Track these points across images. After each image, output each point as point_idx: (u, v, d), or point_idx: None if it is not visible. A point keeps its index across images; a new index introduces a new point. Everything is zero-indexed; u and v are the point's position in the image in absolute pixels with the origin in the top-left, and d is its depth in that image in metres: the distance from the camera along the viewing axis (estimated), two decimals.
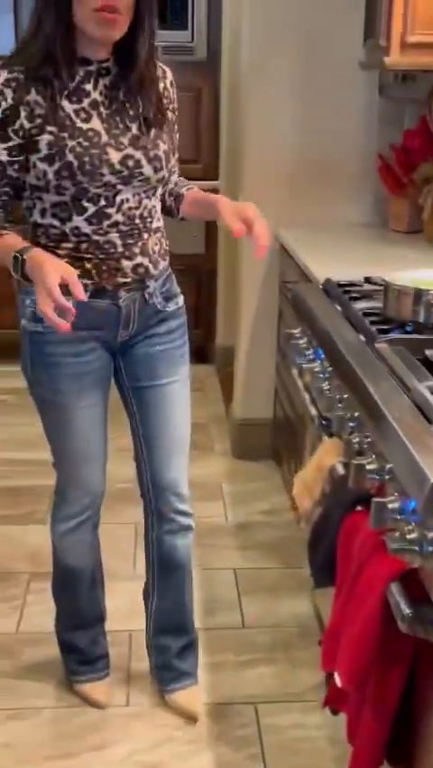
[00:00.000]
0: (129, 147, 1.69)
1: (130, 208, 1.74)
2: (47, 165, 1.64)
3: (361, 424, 1.53)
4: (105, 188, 1.69)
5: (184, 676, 2.11)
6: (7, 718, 2.02)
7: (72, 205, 1.69)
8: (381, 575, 1.29)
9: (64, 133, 1.64)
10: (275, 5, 2.93)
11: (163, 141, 1.76)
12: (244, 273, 3.24)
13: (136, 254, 1.78)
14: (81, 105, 1.67)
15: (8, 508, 2.96)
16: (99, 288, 1.75)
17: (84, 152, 1.64)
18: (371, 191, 3.11)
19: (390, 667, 1.33)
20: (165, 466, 1.97)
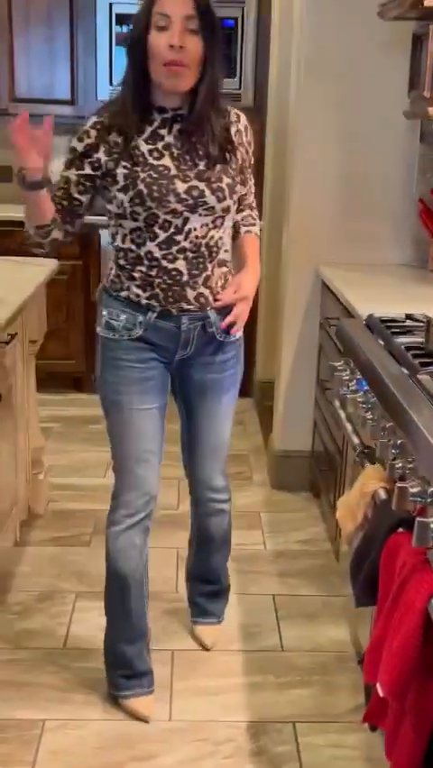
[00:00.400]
0: (194, 179, 1.89)
1: (197, 236, 1.93)
2: (123, 194, 1.89)
3: (404, 450, 1.60)
4: (174, 215, 1.89)
5: (208, 614, 2.44)
6: (56, 728, 2.06)
7: (146, 230, 1.92)
8: (422, 591, 1.35)
9: (137, 168, 1.88)
10: (323, 55, 3.02)
11: (228, 175, 1.94)
12: (287, 309, 3.29)
13: (199, 285, 1.97)
14: (155, 146, 1.89)
15: (56, 531, 3.02)
16: (165, 312, 1.96)
17: (153, 182, 1.87)
18: (411, 234, 3.16)
19: (429, 680, 1.38)
20: (201, 467, 2.25)
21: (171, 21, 1.79)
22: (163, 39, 1.79)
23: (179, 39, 1.79)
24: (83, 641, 2.39)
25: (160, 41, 1.80)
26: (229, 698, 2.21)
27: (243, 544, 2.57)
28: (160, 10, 1.79)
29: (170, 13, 1.79)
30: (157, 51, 1.81)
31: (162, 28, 1.80)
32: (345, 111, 3.06)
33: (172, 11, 1.79)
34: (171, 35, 1.79)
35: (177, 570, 2.77)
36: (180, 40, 1.79)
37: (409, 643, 1.36)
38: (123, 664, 2.17)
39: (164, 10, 1.79)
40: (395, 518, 1.58)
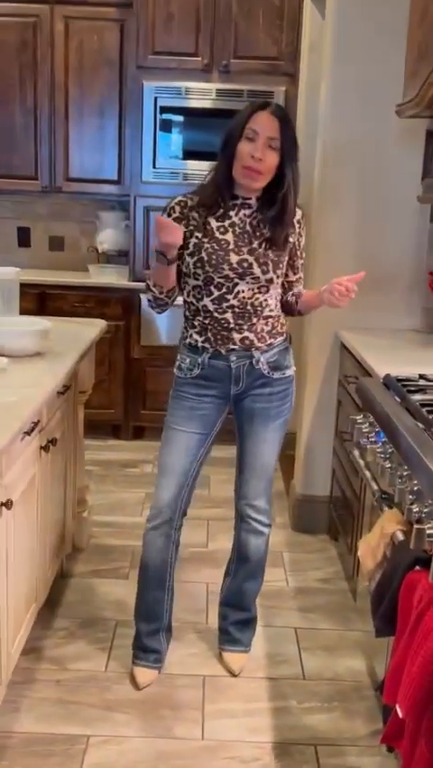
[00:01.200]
0: (246, 254, 2.11)
1: (244, 297, 2.14)
2: (190, 258, 2.15)
3: (420, 495, 1.64)
4: (226, 280, 2.11)
5: (235, 642, 2.47)
6: (99, 743, 2.08)
7: (204, 288, 2.17)
8: None
9: (205, 239, 2.14)
10: (345, 146, 3.11)
11: (275, 254, 2.14)
12: (309, 368, 3.34)
13: (244, 330, 2.17)
14: (223, 223, 2.15)
15: (97, 564, 3.05)
16: (216, 352, 2.20)
17: (213, 252, 2.13)
18: (421, 303, 3.21)
19: None
20: (247, 485, 2.36)
21: (259, 136, 2.05)
22: (248, 148, 2.05)
23: (260, 152, 2.05)
24: (122, 665, 2.42)
25: (245, 149, 2.06)
26: (255, 720, 2.21)
27: (267, 580, 2.58)
28: (252, 126, 2.06)
29: (259, 130, 2.05)
30: (241, 156, 2.06)
31: (251, 139, 2.06)
32: (364, 195, 3.15)
33: (261, 129, 2.05)
34: (255, 148, 2.05)
35: (207, 603, 2.79)
36: (261, 153, 2.05)
37: (427, 668, 1.39)
38: (137, 636, 2.38)
39: (255, 127, 2.06)
40: (412, 557, 1.62)
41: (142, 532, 3.20)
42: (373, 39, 3.01)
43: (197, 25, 4.13)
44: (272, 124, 2.06)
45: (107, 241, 4.62)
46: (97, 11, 4.30)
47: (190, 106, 4.20)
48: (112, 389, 4.43)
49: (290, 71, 4.15)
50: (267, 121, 2.06)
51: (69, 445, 2.77)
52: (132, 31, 4.20)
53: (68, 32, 4.33)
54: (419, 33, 2.31)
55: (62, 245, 4.86)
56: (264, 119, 2.06)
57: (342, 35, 3.05)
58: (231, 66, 4.16)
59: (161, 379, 4.29)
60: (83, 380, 2.93)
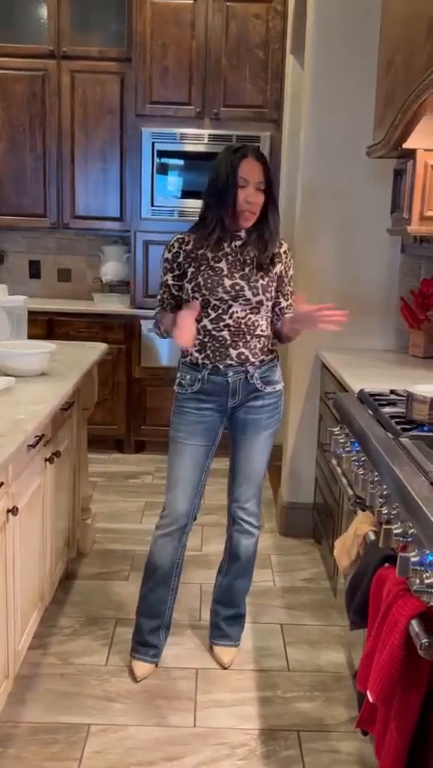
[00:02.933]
0: (238, 278, 2.17)
1: (238, 318, 2.19)
2: (188, 284, 2.22)
3: (389, 499, 1.65)
4: (221, 302, 2.16)
5: (225, 637, 2.47)
6: (99, 731, 2.07)
7: (202, 311, 2.21)
8: (404, 613, 1.38)
9: (201, 267, 2.21)
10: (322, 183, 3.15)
11: (263, 278, 2.20)
12: (292, 385, 3.36)
13: (240, 346, 2.21)
14: (217, 254, 2.21)
15: (100, 567, 3.04)
16: (215, 368, 2.23)
17: (209, 278, 2.19)
18: (394, 325, 3.24)
19: (410, 688, 1.40)
20: (239, 489, 2.37)
21: (249, 183, 2.14)
22: (243, 194, 2.14)
23: (253, 196, 2.14)
24: (122, 659, 2.41)
25: (240, 196, 2.14)
26: (244, 709, 2.20)
27: (256, 580, 2.58)
28: (242, 174, 2.14)
29: (248, 178, 2.14)
30: (238, 203, 2.15)
31: (242, 187, 2.14)
32: (341, 229, 3.18)
33: (249, 176, 2.14)
34: (248, 194, 2.14)
35: (200, 602, 2.78)
36: (254, 197, 2.15)
37: (394, 656, 1.39)
38: (138, 632, 2.37)
39: (244, 175, 2.14)
40: (382, 555, 1.63)
41: (141, 538, 3.24)
42: (348, 88, 3.05)
43: (189, 77, 4.20)
44: (258, 170, 2.15)
45: (110, 272, 4.66)
46: (100, 65, 4.36)
47: (185, 150, 4.25)
48: (115, 407, 4.44)
49: (274, 118, 4.21)
50: (254, 167, 2.14)
51: (73, 457, 2.78)
52: (131, 83, 4.26)
53: (73, 85, 4.39)
54: (386, 82, 2.35)
55: (69, 276, 4.89)
56: (251, 167, 2.14)
57: (319, 85, 3.10)
58: (221, 113, 4.22)
59: (161, 397, 4.31)
60: (86, 398, 2.94)
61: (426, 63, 1.89)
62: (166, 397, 2.39)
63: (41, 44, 4.36)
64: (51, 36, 4.35)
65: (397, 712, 1.44)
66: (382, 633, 1.46)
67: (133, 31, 4.17)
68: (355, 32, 3.00)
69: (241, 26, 4.14)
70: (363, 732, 1.70)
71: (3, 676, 1.91)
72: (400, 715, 1.42)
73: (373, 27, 2.70)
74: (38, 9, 4.40)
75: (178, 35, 4.15)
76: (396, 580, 1.47)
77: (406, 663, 1.38)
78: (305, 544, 3.36)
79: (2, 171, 4.48)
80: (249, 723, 2.14)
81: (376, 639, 1.49)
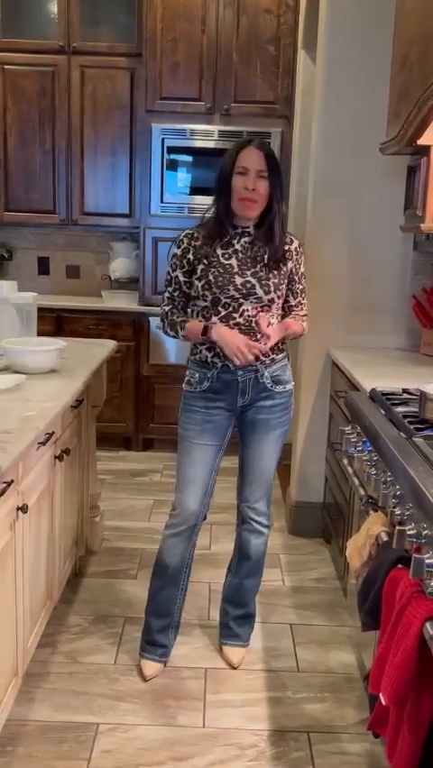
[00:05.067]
0: (249, 276, 2.15)
1: (249, 316, 2.16)
2: (198, 282, 2.19)
3: (402, 499, 1.64)
4: (232, 300, 2.14)
5: (235, 637, 2.46)
6: (108, 731, 2.07)
7: (212, 308, 2.19)
8: (418, 616, 1.37)
9: (211, 265, 2.18)
10: (334, 181, 3.13)
11: (274, 276, 2.18)
12: (303, 384, 3.35)
13: None
14: (227, 251, 2.18)
15: (109, 565, 3.04)
16: (225, 366, 2.17)
17: (219, 275, 2.17)
18: (406, 323, 3.23)
19: (424, 690, 1.39)
20: (248, 489, 2.36)
21: (249, 170, 2.11)
22: (241, 181, 2.11)
23: (252, 183, 2.11)
24: (130, 658, 2.40)
25: (239, 183, 2.12)
26: (253, 709, 2.20)
27: (265, 580, 2.58)
28: (241, 163, 2.12)
29: (249, 165, 2.12)
30: (236, 190, 2.12)
31: (242, 174, 2.12)
32: (353, 226, 3.17)
33: (250, 164, 2.12)
34: (247, 180, 2.11)
35: (209, 602, 2.78)
36: (253, 184, 2.11)
37: (408, 658, 1.38)
38: (147, 631, 2.37)
39: (244, 163, 2.12)
40: (395, 556, 1.61)
41: (150, 536, 3.24)
42: (360, 84, 3.04)
43: (200, 73, 4.19)
44: (259, 158, 2.12)
45: (119, 269, 4.65)
46: (110, 60, 4.35)
47: (195, 146, 4.24)
48: (123, 404, 4.44)
49: (285, 114, 4.19)
50: (254, 155, 2.12)
51: (82, 455, 2.78)
52: (141, 78, 4.25)
53: (83, 80, 4.38)
54: (400, 78, 2.33)
55: (78, 273, 4.89)
56: (252, 154, 2.12)
57: (331, 81, 3.09)
58: (231, 109, 4.21)
59: (169, 394, 4.30)
60: (95, 395, 2.94)
61: None
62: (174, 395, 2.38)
63: (50, 40, 4.35)
64: (61, 31, 4.34)
65: (410, 715, 1.43)
66: (396, 635, 1.45)
67: (143, 26, 4.16)
68: (369, 26, 2.99)
69: (252, 21, 4.12)
70: (375, 735, 1.69)
71: (12, 674, 1.91)
72: (413, 717, 1.41)
73: (386, 22, 2.69)
74: (48, 4, 4.40)
75: (188, 30, 4.14)
76: (409, 581, 1.46)
77: (420, 666, 1.37)
78: (314, 543, 3.36)
79: (11, 167, 4.48)
80: (258, 724, 2.13)
81: (389, 641, 1.48)
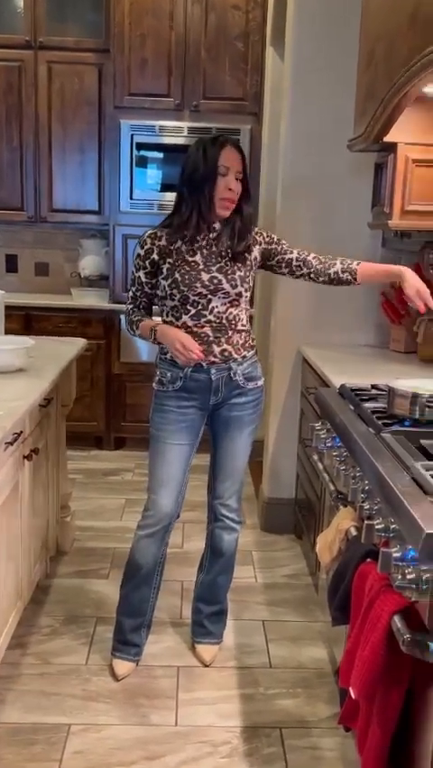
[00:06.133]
0: (215, 272, 2.14)
1: (219, 313, 2.16)
2: (165, 281, 2.17)
3: (370, 494, 1.65)
4: (200, 297, 2.13)
5: (208, 634, 2.46)
6: (79, 731, 2.06)
7: (181, 307, 2.18)
8: (386, 609, 1.38)
9: (177, 263, 2.16)
10: (303, 178, 3.15)
11: (240, 268, 2.17)
12: (274, 381, 3.36)
13: (222, 342, 2.18)
14: (192, 247, 2.18)
15: (79, 565, 3.02)
16: (197, 365, 2.20)
17: (186, 273, 2.15)
18: (375, 320, 3.26)
19: (392, 684, 1.40)
20: (220, 486, 2.36)
21: (229, 171, 2.12)
22: (224, 182, 2.12)
23: (233, 183, 2.13)
24: (102, 658, 2.40)
25: (221, 183, 2.12)
26: (226, 706, 2.20)
27: (238, 577, 2.59)
28: (223, 162, 2.12)
29: (229, 165, 2.13)
30: (219, 191, 2.13)
31: (223, 174, 2.12)
32: (321, 223, 3.18)
33: (230, 164, 2.13)
34: (229, 181, 2.12)
35: (181, 599, 2.78)
36: (234, 184, 2.13)
37: (376, 652, 1.39)
38: (119, 631, 2.35)
39: (226, 163, 2.12)
40: (364, 550, 1.62)
41: (121, 535, 3.23)
42: (328, 81, 3.05)
43: (168, 69, 4.18)
44: (237, 158, 2.14)
45: (89, 266, 4.63)
46: (77, 56, 4.32)
47: (164, 143, 4.23)
48: (94, 403, 4.42)
49: (254, 110, 4.20)
50: (234, 156, 2.13)
51: (51, 455, 2.76)
52: (109, 74, 4.23)
53: (50, 76, 4.35)
54: (367, 75, 2.35)
55: (47, 271, 4.86)
56: (231, 155, 2.13)
57: (299, 78, 3.10)
58: (200, 106, 4.20)
59: (141, 393, 4.29)
60: (64, 394, 2.92)
61: (407, 55, 1.89)
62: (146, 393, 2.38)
63: (17, 34, 4.31)
64: (28, 26, 4.30)
65: (379, 708, 1.44)
66: (365, 629, 1.46)
67: (111, 21, 4.14)
68: (336, 23, 3.00)
69: (220, 17, 4.12)
70: (346, 728, 1.71)
71: None
72: (382, 711, 1.43)
73: (353, 19, 2.70)
74: None
75: (156, 26, 4.13)
76: (378, 575, 1.47)
77: (388, 659, 1.38)
78: (286, 539, 3.37)
79: None
80: (231, 721, 2.14)
81: (358, 635, 1.49)
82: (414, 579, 1.31)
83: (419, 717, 1.40)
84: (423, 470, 1.49)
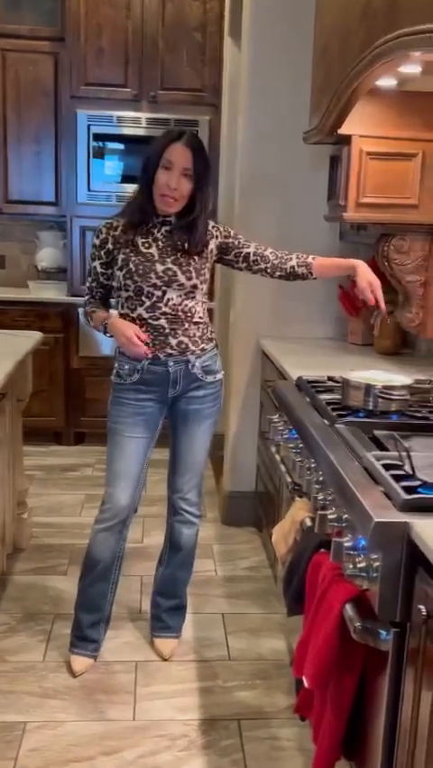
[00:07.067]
0: (170, 263, 2.14)
1: (174, 304, 2.16)
2: (119, 271, 2.17)
3: (324, 485, 1.68)
4: (155, 288, 2.13)
5: (166, 629, 2.45)
6: (35, 729, 2.05)
7: (135, 298, 2.18)
8: (338, 598, 1.41)
9: (132, 254, 2.16)
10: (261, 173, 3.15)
11: (195, 261, 2.17)
12: (234, 374, 3.36)
13: (179, 335, 2.18)
14: (147, 239, 2.17)
15: (37, 562, 3.01)
16: (155, 357, 2.19)
17: (140, 263, 2.15)
18: (333, 313, 3.28)
19: (345, 672, 1.43)
20: (180, 479, 2.36)
21: (174, 166, 2.09)
22: (164, 177, 2.09)
23: (175, 182, 2.10)
24: (60, 654, 2.38)
25: (162, 178, 2.10)
26: (184, 700, 2.21)
27: (198, 570, 2.59)
28: (168, 156, 2.09)
29: (174, 161, 2.09)
30: (158, 185, 2.11)
31: (167, 169, 2.09)
32: (280, 215, 3.19)
33: (176, 160, 2.09)
34: (170, 177, 2.09)
35: (140, 594, 2.78)
36: (176, 182, 2.10)
37: (329, 641, 1.42)
38: (77, 627, 2.33)
39: (171, 158, 2.09)
40: (318, 540, 1.65)
41: (80, 531, 3.21)
42: (285, 73, 3.06)
43: (126, 59, 4.15)
44: (186, 155, 2.10)
45: (46, 259, 4.58)
46: (32, 44, 4.26)
47: (122, 134, 4.20)
48: (53, 398, 4.38)
49: (213, 102, 4.19)
50: (182, 152, 2.10)
51: (7, 450, 2.73)
52: (65, 63, 4.18)
53: (4, 64, 4.27)
54: (322, 67, 2.36)
55: (3, 263, 4.79)
56: (179, 151, 2.10)
57: (256, 70, 3.10)
58: (159, 96, 4.18)
59: (100, 387, 4.24)
60: (20, 389, 2.89)
61: (359, 48, 1.91)
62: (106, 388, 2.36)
63: None
64: None
65: (333, 696, 1.46)
66: (318, 618, 1.48)
67: (67, 9, 4.09)
68: (293, 15, 3.01)
69: (177, 8, 4.11)
70: (302, 718, 1.73)
71: None
72: (335, 699, 1.45)
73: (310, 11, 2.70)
74: None
75: (113, 15, 4.10)
76: (331, 565, 1.49)
77: (341, 648, 1.41)
78: (247, 532, 3.39)
79: None
80: (189, 714, 2.15)
81: (312, 625, 1.51)
82: (365, 567, 1.34)
83: (371, 704, 1.43)
84: (374, 460, 1.51)
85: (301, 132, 2.73)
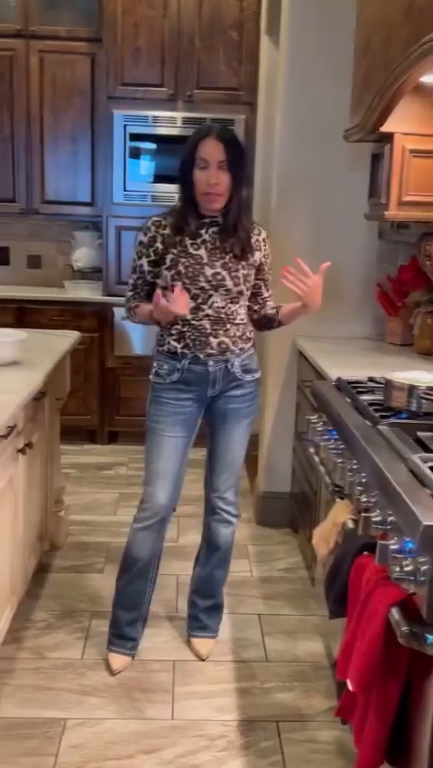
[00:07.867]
0: (219, 267, 2.14)
1: (218, 308, 2.17)
2: (168, 271, 2.18)
3: (367, 486, 1.66)
4: (202, 291, 2.14)
5: (203, 628, 2.47)
6: (75, 725, 2.06)
7: None
8: (384, 601, 1.39)
9: (181, 255, 2.16)
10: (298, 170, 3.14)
11: (243, 267, 2.18)
12: (270, 374, 3.36)
13: (220, 335, 2.19)
14: (195, 241, 2.18)
15: (74, 560, 3.03)
16: (195, 357, 2.20)
17: (189, 266, 2.16)
18: (371, 312, 3.26)
19: (390, 676, 1.41)
20: (218, 479, 2.37)
21: (209, 163, 2.09)
22: (203, 176, 2.10)
23: (215, 177, 2.10)
24: (98, 652, 2.40)
25: (201, 178, 2.11)
26: (222, 700, 2.21)
27: (233, 571, 2.60)
28: (201, 155, 2.11)
29: (208, 158, 2.10)
30: (199, 185, 2.12)
31: (203, 168, 2.11)
32: (317, 213, 3.18)
33: (210, 156, 2.10)
34: (209, 175, 2.10)
35: (177, 593, 2.78)
36: (215, 178, 2.10)
37: (374, 645, 1.40)
38: (115, 625, 2.35)
39: (204, 156, 2.10)
40: (361, 543, 1.63)
41: (116, 529, 3.23)
42: (324, 70, 3.05)
43: (162, 58, 4.16)
44: (218, 148, 2.10)
45: (82, 258, 4.62)
46: (69, 45, 4.30)
47: (158, 133, 4.21)
48: (88, 397, 4.41)
49: (249, 100, 4.19)
50: (214, 146, 2.10)
51: (45, 448, 2.76)
52: (102, 63, 4.21)
53: (42, 65, 4.32)
54: (363, 64, 2.34)
55: (39, 263, 4.84)
56: (211, 145, 2.10)
57: (294, 67, 3.09)
58: (194, 96, 4.19)
59: (135, 386, 4.29)
60: (58, 388, 2.92)
61: (404, 45, 1.89)
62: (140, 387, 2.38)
63: (8, 23, 4.28)
64: (19, 15, 4.28)
65: (376, 701, 1.45)
66: (362, 621, 1.47)
67: (104, 10, 4.12)
68: (332, 11, 3.00)
69: (214, 6, 4.11)
70: (343, 721, 1.71)
71: None
72: (379, 703, 1.44)
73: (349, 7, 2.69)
74: None
75: (149, 15, 4.11)
76: (375, 568, 1.48)
77: (386, 652, 1.39)
78: (282, 533, 3.38)
79: None
80: (227, 714, 2.15)
81: (356, 628, 1.50)
82: (412, 571, 1.31)
83: (416, 709, 1.41)
84: (420, 462, 1.49)
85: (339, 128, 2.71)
